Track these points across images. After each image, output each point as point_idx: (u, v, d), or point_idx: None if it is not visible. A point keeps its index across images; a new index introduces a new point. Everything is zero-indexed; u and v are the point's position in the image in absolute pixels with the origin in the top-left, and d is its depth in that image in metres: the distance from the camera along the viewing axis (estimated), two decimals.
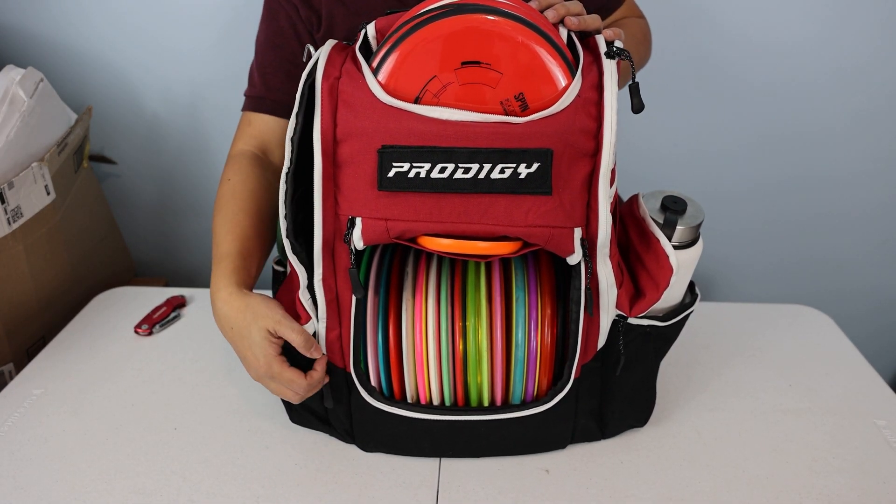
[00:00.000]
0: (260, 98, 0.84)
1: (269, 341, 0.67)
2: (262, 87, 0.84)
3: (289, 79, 0.83)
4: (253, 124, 0.84)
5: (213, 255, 0.73)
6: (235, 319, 0.68)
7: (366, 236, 0.62)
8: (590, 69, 0.60)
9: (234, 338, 0.69)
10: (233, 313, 0.68)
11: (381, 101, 0.59)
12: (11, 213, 0.96)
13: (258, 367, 0.68)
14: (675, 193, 0.71)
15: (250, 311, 0.67)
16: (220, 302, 0.69)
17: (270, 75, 0.84)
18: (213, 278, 0.71)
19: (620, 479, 0.74)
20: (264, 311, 0.66)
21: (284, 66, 0.84)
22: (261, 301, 0.67)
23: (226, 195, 0.76)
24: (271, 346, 0.67)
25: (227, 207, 0.75)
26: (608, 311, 0.68)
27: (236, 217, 0.74)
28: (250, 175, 0.78)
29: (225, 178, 0.79)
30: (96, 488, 0.72)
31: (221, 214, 0.75)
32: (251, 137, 0.84)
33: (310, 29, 0.83)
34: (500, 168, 0.59)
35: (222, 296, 0.69)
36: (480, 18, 0.58)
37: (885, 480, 0.74)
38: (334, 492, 0.72)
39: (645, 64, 0.97)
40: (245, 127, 0.84)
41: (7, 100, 0.97)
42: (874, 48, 1.20)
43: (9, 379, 1.00)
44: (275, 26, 0.84)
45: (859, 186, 1.34)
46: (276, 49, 0.84)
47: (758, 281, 1.46)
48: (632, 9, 0.97)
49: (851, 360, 0.94)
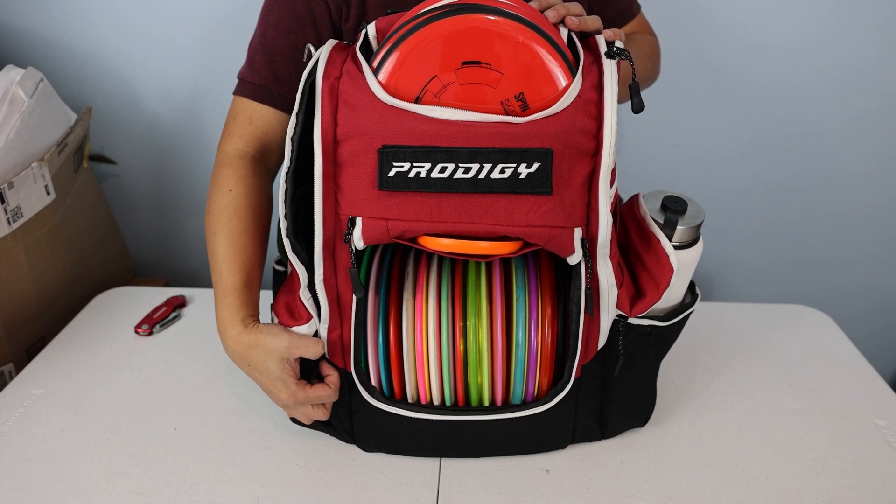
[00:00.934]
0: (265, 88, 0.78)
1: (287, 371, 0.68)
2: (269, 77, 0.78)
3: (300, 72, 0.76)
4: (255, 121, 0.78)
5: (214, 281, 0.72)
6: (250, 357, 0.69)
7: (366, 236, 0.62)
8: (590, 69, 0.60)
9: (253, 374, 0.71)
10: (246, 351, 0.69)
11: (382, 100, 0.59)
12: (11, 213, 0.96)
13: (285, 398, 0.69)
14: (675, 194, 0.71)
15: (261, 347, 0.68)
16: (231, 341, 0.70)
17: (280, 64, 0.78)
18: (219, 313, 0.71)
19: (620, 479, 0.74)
20: (273, 344, 0.67)
21: (297, 56, 0.78)
22: (267, 334, 0.68)
23: (227, 210, 0.73)
24: (291, 375, 0.69)
25: (230, 227, 0.72)
26: (608, 311, 0.68)
27: (240, 241, 0.72)
28: (254, 188, 0.75)
29: (224, 185, 0.74)
30: (96, 488, 0.72)
31: (223, 235, 0.72)
32: (252, 137, 0.78)
33: (334, 18, 0.78)
34: (501, 168, 0.59)
35: (232, 335, 0.70)
36: (481, 18, 0.58)
37: (885, 480, 0.74)
38: (334, 492, 0.72)
39: (653, 80, 0.95)
40: (245, 124, 0.78)
41: (7, 100, 0.97)
42: (875, 48, 1.20)
43: (9, 379, 1.00)
44: (290, 9, 0.77)
45: (859, 186, 1.34)
46: (289, 35, 0.78)
47: (758, 281, 1.46)
48: (643, 26, 0.96)
49: (851, 360, 0.94)
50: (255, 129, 0.78)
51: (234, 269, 0.71)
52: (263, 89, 0.78)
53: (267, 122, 0.78)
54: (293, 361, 0.69)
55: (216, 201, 0.74)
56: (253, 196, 0.75)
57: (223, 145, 0.78)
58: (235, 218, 0.73)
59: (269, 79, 0.78)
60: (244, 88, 0.79)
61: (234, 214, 0.73)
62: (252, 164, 0.77)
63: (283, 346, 0.67)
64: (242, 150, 0.78)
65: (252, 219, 0.74)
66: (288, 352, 0.67)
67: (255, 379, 0.71)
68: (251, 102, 0.78)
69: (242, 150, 0.78)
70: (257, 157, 0.78)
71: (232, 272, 0.71)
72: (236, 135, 0.78)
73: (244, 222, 0.73)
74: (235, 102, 0.80)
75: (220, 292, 0.71)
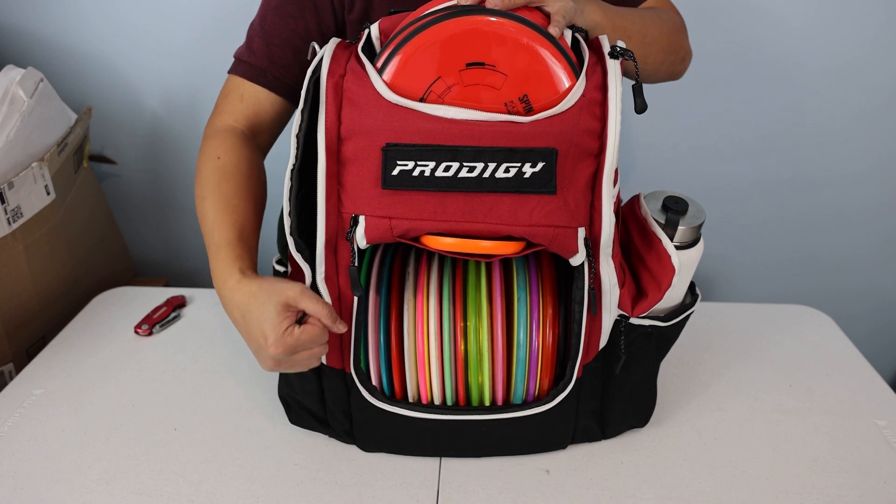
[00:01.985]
0: (260, 69, 0.77)
1: (282, 315, 0.62)
2: (265, 59, 0.77)
3: (296, 57, 0.78)
4: (246, 99, 0.77)
5: (206, 242, 0.68)
6: (248, 304, 0.64)
7: (369, 234, 0.62)
8: (594, 69, 0.60)
9: (245, 323, 0.65)
10: (245, 298, 0.64)
11: (386, 98, 0.59)
12: (11, 213, 0.96)
13: (274, 346, 0.62)
14: (675, 194, 0.71)
15: (264, 291, 0.63)
16: (228, 291, 0.65)
17: (277, 48, 0.77)
18: (214, 269, 0.67)
19: (620, 479, 0.74)
20: (283, 286, 0.63)
21: (295, 41, 0.78)
22: (279, 280, 0.64)
23: (216, 175, 0.71)
24: (285, 320, 0.62)
25: (220, 190, 0.70)
26: (610, 311, 0.68)
27: (231, 202, 0.69)
28: (243, 156, 0.73)
29: (212, 154, 0.72)
30: (96, 488, 0.72)
31: (214, 197, 0.69)
32: (242, 115, 0.77)
33: (336, 7, 0.78)
34: (505, 167, 0.59)
35: (230, 285, 0.65)
36: (484, 20, 0.58)
37: (885, 480, 0.74)
38: (334, 492, 0.72)
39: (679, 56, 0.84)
40: (236, 101, 0.77)
41: (7, 100, 0.97)
42: (875, 46, 1.20)
43: (9, 379, 1.00)
44: None
45: (860, 186, 1.34)
46: (287, 19, 0.78)
47: (758, 280, 1.47)
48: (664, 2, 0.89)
49: (851, 360, 0.94)
50: (246, 108, 0.78)
51: (226, 227, 0.68)
52: (258, 70, 0.78)
53: (258, 101, 0.78)
54: (295, 312, 0.64)
55: (204, 169, 0.72)
56: (243, 162, 0.73)
57: (212, 121, 0.78)
58: (225, 181, 0.70)
59: (265, 60, 0.78)
60: (239, 67, 0.79)
61: (223, 178, 0.71)
62: (241, 136, 0.76)
63: (295, 290, 0.62)
64: (232, 125, 0.77)
65: (243, 183, 0.71)
66: (297, 297, 0.62)
67: (246, 330, 0.65)
68: (244, 82, 0.78)
69: (232, 126, 0.77)
70: (247, 134, 0.77)
71: (224, 230, 0.67)
72: (226, 112, 0.78)
73: (234, 185, 0.70)
74: (228, 81, 0.80)
75: (212, 250, 0.67)
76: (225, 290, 0.66)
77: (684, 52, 0.83)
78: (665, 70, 0.80)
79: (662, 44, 0.78)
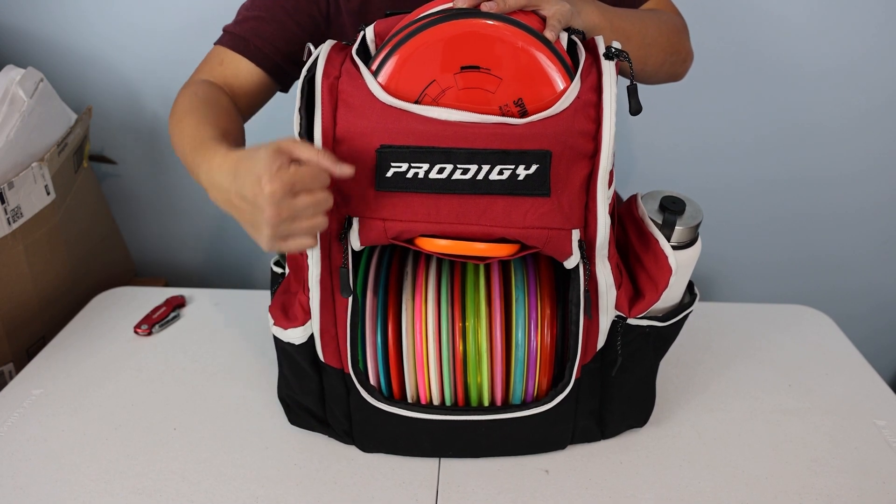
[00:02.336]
0: (244, 39, 0.79)
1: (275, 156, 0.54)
2: (250, 31, 0.79)
3: (282, 31, 0.79)
4: (225, 63, 0.79)
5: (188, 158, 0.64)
6: (238, 160, 0.57)
7: (363, 236, 0.62)
8: (589, 71, 0.60)
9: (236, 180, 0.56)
10: (237, 162, 0.57)
11: (381, 100, 0.59)
12: (11, 213, 0.96)
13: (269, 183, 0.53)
14: (673, 194, 0.71)
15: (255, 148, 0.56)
16: (216, 167, 0.59)
17: (265, 22, 0.79)
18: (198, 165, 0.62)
19: (620, 479, 0.74)
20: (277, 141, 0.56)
21: (280, 16, 0.79)
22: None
23: (192, 103, 0.70)
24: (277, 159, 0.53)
25: (198, 112, 0.68)
26: (607, 312, 0.68)
27: (207, 118, 0.67)
28: (222, 94, 0.74)
29: (186, 94, 0.71)
30: (96, 488, 0.72)
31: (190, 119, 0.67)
32: (220, 76, 0.78)
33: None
34: (499, 169, 0.59)
35: (217, 161, 0.59)
36: (481, 23, 0.58)
37: (885, 480, 0.74)
38: (334, 492, 0.72)
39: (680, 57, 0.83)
40: (216, 65, 0.79)
41: (7, 100, 0.97)
42: (875, 46, 1.20)
43: (9, 379, 1.00)
44: None
45: (859, 186, 1.34)
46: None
47: (758, 280, 1.46)
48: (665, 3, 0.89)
49: (851, 360, 0.94)
50: (225, 71, 0.79)
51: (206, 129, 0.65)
52: (241, 40, 0.79)
53: (237, 68, 0.79)
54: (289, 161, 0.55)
55: (180, 103, 0.72)
56: (223, 97, 0.73)
57: (188, 80, 0.78)
58: (203, 105, 0.70)
59: (250, 32, 0.79)
60: (223, 38, 0.81)
61: (201, 104, 0.70)
62: (218, 87, 0.77)
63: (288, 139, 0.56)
64: (208, 80, 0.78)
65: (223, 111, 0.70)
66: (291, 144, 0.55)
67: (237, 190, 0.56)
68: (226, 50, 0.80)
69: (208, 80, 0.78)
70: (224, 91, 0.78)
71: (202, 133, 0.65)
72: (204, 72, 0.80)
73: (214, 109, 0.70)
74: (212, 50, 0.81)
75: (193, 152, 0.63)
76: (213, 165, 0.60)
77: (685, 53, 0.83)
78: (666, 71, 0.80)
79: (662, 45, 0.78)
